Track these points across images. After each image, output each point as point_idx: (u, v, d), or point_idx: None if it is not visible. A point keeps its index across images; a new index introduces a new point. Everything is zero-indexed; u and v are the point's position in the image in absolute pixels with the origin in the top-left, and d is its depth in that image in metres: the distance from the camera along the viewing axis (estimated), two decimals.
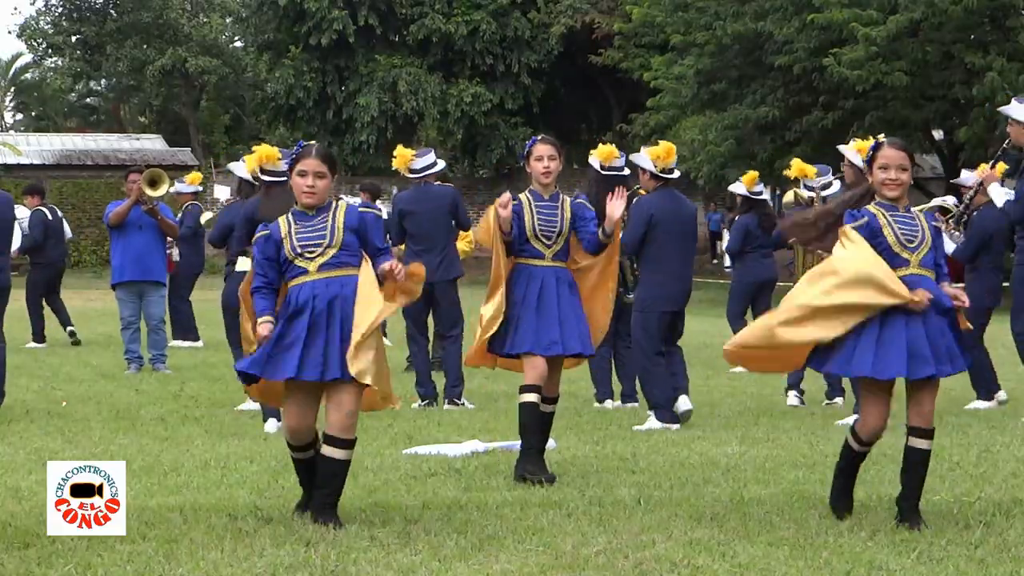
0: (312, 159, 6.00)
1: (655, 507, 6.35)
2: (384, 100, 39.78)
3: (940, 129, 30.57)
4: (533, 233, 7.27)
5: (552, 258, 7.31)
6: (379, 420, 9.77)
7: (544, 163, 7.33)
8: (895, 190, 6.02)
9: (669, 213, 9.53)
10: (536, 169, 7.36)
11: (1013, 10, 25.82)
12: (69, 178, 39.07)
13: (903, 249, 5.97)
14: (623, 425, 9.52)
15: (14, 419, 9.66)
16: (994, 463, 7.68)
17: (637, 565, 5.23)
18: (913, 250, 5.98)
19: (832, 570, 5.18)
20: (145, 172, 13.51)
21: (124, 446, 8.35)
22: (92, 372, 13.39)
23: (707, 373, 13.60)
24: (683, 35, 29.68)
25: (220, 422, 9.48)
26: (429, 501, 6.53)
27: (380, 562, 5.27)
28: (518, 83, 40.50)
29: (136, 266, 13.29)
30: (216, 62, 46.09)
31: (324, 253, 5.95)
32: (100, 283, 30.94)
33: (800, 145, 27.39)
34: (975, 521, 5.97)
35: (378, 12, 39.96)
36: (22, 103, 65.64)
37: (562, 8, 38.56)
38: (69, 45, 48.33)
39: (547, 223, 7.29)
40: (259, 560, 5.29)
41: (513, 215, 7.21)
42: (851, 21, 25.39)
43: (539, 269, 7.27)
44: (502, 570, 5.17)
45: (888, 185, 6.01)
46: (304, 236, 5.97)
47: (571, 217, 7.31)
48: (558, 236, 7.30)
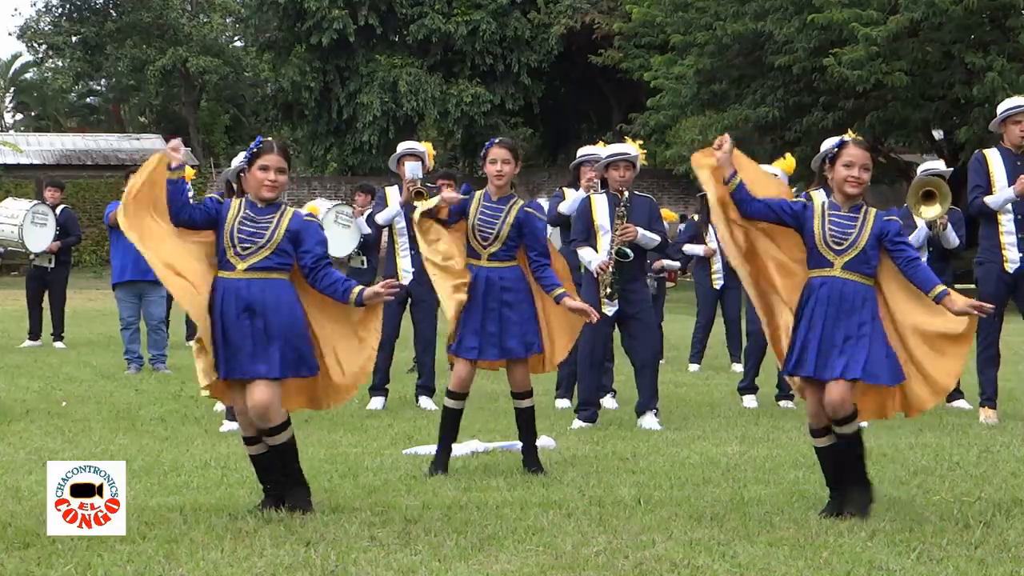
0: (274, 154, 6.18)
1: (655, 507, 6.35)
2: (385, 100, 39.79)
3: (940, 129, 30.58)
4: (471, 232, 7.43)
5: (488, 259, 7.43)
6: (379, 420, 9.77)
7: (498, 167, 7.45)
8: (857, 187, 6.12)
9: None
10: (490, 172, 7.49)
11: (1013, 10, 25.81)
12: (69, 178, 38.94)
13: (827, 250, 6.08)
14: (623, 425, 9.52)
15: (14, 419, 9.65)
16: (994, 463, 7.68)
17: (637, 565, 5.22)
18: (839, 252, 6.07)
19: (832, 570, 5.18)
20: None
21: (124, 446, 8.35)
22: (92, 372, 13.37)
23: (707, 373, 13.60)
24: (683, 35, 29.68)
25: (220, 422, 9.47)
26: (429, 501, 6.52)
27: (380, 562, 5.26)
28: (518, 83, 40.52)
29: (136, 266, 13.27)
30: (216, 62, 46.13)
31: (257, 253, 6.09)
32: (100, 283, 30.96)
33: (800, 145, 27.38)
34: (975, 521, 5.97)
35: (378, 12, 39.98)
36: (22, 103, 65.66)
37: (562, 8, 38.58)
38: (69, 45, 48.38)
39: (485, 224, 7.43)
40: (259, 560, 5.29)
41: (458, 208, 7.42)
42: (851, 21, 25.40)
43: (474, 268, 7.43)
44: (502, 570, 5.17)
45: (851, 182, 6.11)
46: (246, 230, 6.10)
47: (515, 223, 7.43)
48: (494, 239, 7.41)
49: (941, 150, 30.92)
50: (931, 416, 10.04)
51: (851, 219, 6.13)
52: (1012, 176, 9.55)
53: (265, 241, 6.10)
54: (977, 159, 9.77)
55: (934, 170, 10.51)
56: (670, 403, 10.61)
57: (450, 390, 7.51)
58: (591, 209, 9.54)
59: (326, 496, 6.63)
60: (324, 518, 6.08)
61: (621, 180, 9.42)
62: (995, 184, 9.62)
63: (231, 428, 9.31)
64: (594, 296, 9.46)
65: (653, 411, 9.53)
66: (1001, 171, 9.61)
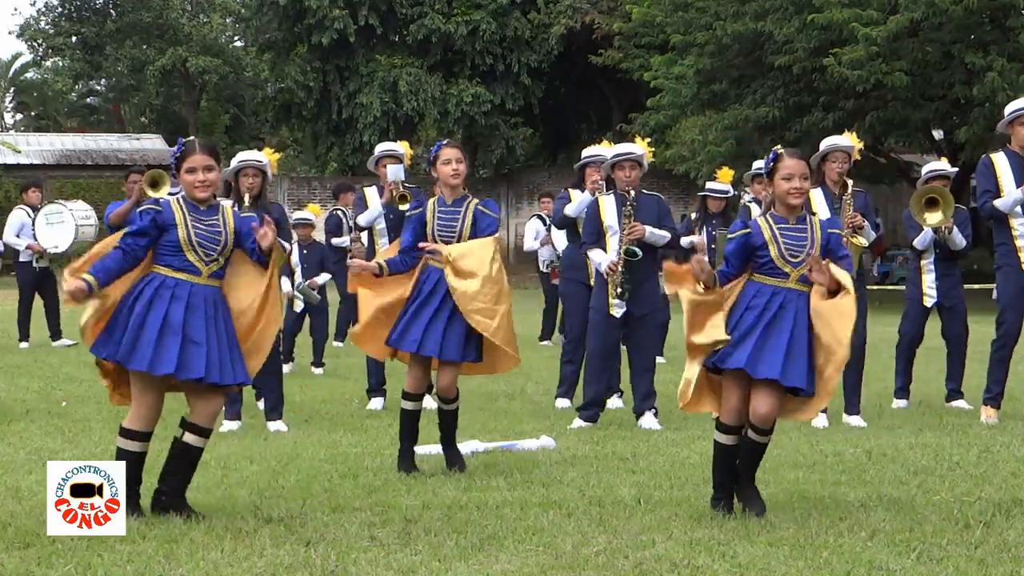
0: (198, 154, 6.14)
1: (655, 507, 6.35)
2: (385, 100, 39.79)
3: (940, 129, 30.56)
4: (432, 239, 7.45)
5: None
6: (379, 420, 9.77)
7: (453, 166, 7.48)
8: (800, 198, 6.20)
9: None
10: (445, 173, 7.51)
11: (1013, 10, 25.79)
12: (69, 178, 39.10)
13: (784, 263, 6.13)
14: (623, 425, 9.52)
15: (14, 419, 9.66)
16: (994, 463, 7.68)
17: (637, 565, 5.23)
18: (795, 265, 6.13)
19: (832, 570, 5.18)
20: (147, 173, 13.49)
21: None
22: (92, 372, 13.30)
23: None
24: (683, 35, 29.66)
25: (219, 422, 9.47)
26: (429, 501, 6.52)
27: (380, 562, 5.26)
28: (518, 83, 40.50)
29: None
30: (216, 62, 46.12)
31: (217, 260, 6.09)
32: None
33: (800, 145, 27.34)
34: (975, 521, 5.97)
35: (378, 12, 39.97)
36: (22, 103, 65.64)
37: (562, 8, 38.56)
38: (69, 46, 48.37)
39: (445, 228, 7.47)
40: (259, 560, 5.29)
41: (416, 221, 7.49)
42: (851, 21, 25.38)
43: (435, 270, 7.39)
44: (502, 570, 5.17)
45: (793, 194, 6.17)
46: (201, 232, 6.07)
47: (473, 222, 7.48)
48: (458, 239, 7.46)
49: (941, 150, 30.90)
50: (931, 416, 10.06)
51: (801, 231, 6.19)
52: (1020, 178, 9.53)
53: (221, 248, 6.10)
54: (984, 163, 9.76)
55: (939, 171, 10.51)
56: (670, 403, 10.59)
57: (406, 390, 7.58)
58: (599, 211, 9.54)
59: (326, 496, 6.63)
60: (324, 518, 6.08)
61: (627, 180, 9.41)
62: (1003, 187, 9.59)
63: (231, 428, 9.34)
64: (604, 297, 9.47)
65: (652, 411, 9.53)
66: (1008, 174, 9.60)
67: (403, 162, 10.33)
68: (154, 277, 6.04)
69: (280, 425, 9.42)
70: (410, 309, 7.38)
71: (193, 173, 6.12)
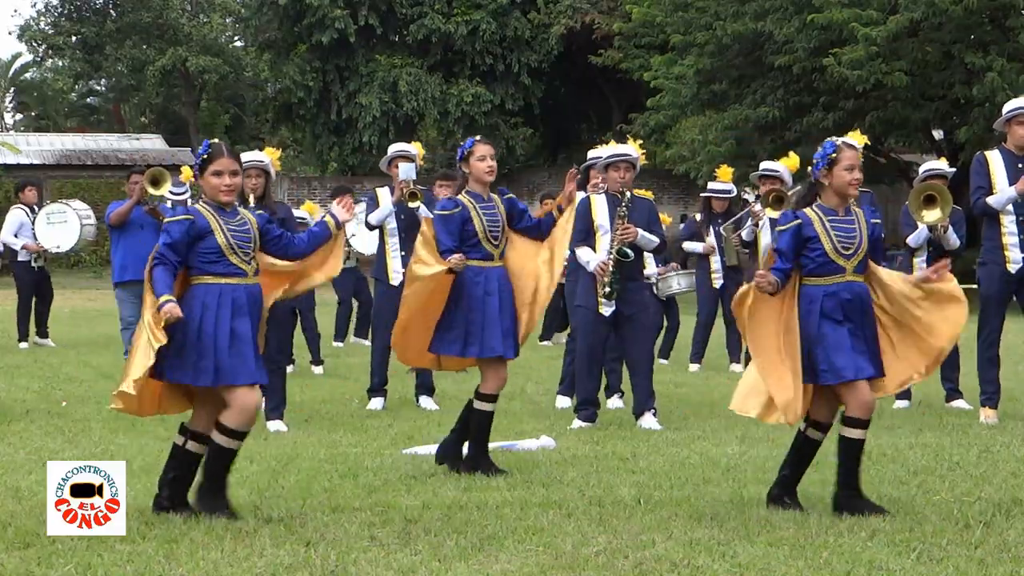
0: (226, 158, 6.16)
1: (655, 507, 6.35)
2: (385, 100, 39.79)
3: (940, 129, 30.54)
4: (485, 237, 7.48)
5: (500, 257, 7.57)
6: (379, 420, 9.77)
7: (488, 162, 7.54)
8: (857, 189, 6.28)
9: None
10: (480, 169, 7.55)
11: (1013, 10, 25.79)
12: (69, 178, 39.03)
13: (839, 256, 6.15)
14: (623, 425, 9.52)
15: (14, 419, 9.66)
16: (994, 463, 7.68)
17: (637, 565, 5.23)
18: (849, 257, 6.16)
19: (832, 570, 5.18)
20: (147, 171, 13.50)
21: (124, 446, 8.34)
22: (92, 372, 13.38)
23: (707, 373, 13.61)
24: (683, 35, 29.65)
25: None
26: (429, 501, 6.53)
27: (380, 562, 5.27)
28: (518, 83, 40.49)
29: (137, 266, 13.25)
30: (216, 62, 46.09)
31: (254, 258, 6.13)
32: (100, 283, 30.95)
33: (800, 145, 27.33)
34: (975, 521, 5.97)
35: (378, 12, 39.95)
36: (22, 103, 65.61)
37: (562, 8, 38.54)
38: (69, 46, 48.32)
39: (493, 224, 7.53)
40: (259, 560, 5.29)
41: (456, 221, 7.46)
42: (851, 21, 25.38)
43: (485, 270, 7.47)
44: (502, 570, 5.17)
45: (854, 184, 6.23)
46: (237, 234, 6.10)
47: (508, 211, 7.58)
48: (503, 234, 7.56)
49: (941, 150, 30.90)
50: (931, 416, 10.06)
51: (849, 222, 6.23)
52: (1013, 176, 9.58)
53: (254, 246, 6.15)
54: (978, 160, 9.81)
55: (937, 170, 10.51)
56: (670, 403, 10.61)
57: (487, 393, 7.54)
58: (591, 209, 9.56)
59: (326, 496, 6.63)
60: (324, 518, 6.08)
61: (621, 181, 9.43)
62: (996, 185, 9.66)
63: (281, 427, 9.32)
64: (592, 296, 9.48)
65: (651, 411, 9.53)
66: (1002, 172, 9.66)
67: (415, 162, 10.38)
68: (207, 291, 6.03)
69: (280, 425, 9.41)
70: (475, 317, 7.38)
71: (220, 176, 6.12)
